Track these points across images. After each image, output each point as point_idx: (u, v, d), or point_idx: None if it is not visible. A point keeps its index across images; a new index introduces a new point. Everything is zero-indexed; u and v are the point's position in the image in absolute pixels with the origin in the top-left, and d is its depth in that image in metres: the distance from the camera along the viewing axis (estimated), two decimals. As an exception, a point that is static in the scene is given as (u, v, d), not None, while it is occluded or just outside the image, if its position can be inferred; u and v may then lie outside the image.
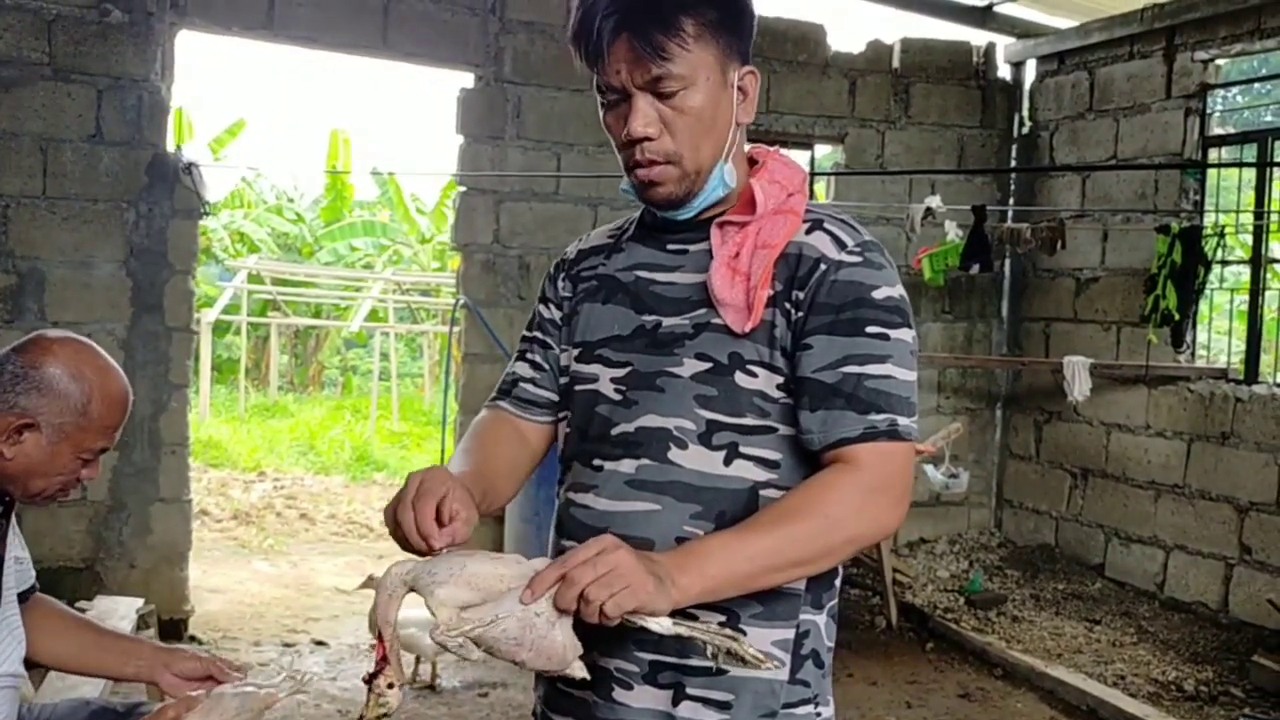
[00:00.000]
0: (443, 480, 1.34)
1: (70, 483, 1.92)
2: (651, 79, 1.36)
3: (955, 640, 5.63)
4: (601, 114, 1.44)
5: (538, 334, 1.62)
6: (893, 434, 1.36)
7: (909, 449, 1.39)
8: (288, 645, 5.36)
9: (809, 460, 1.41)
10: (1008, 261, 7.15)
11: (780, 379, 1.40)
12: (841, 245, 1.41)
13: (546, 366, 1.60)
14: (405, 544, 1.34)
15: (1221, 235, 6.02)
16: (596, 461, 1.47)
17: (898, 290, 1.41)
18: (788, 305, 1.40)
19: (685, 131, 1.39)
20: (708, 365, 1.41)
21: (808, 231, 1.43)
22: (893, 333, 1.38)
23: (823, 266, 1.39)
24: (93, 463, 1.93)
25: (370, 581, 4.79)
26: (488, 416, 1.63)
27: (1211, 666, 5.22)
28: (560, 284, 1.61)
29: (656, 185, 1.43)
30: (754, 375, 1.40)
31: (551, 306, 1.62)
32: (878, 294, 1.39)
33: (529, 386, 1.61)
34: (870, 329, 1.37)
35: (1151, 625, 5.80)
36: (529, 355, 1.62)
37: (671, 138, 1.39)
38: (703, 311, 1.43)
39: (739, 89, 1.43)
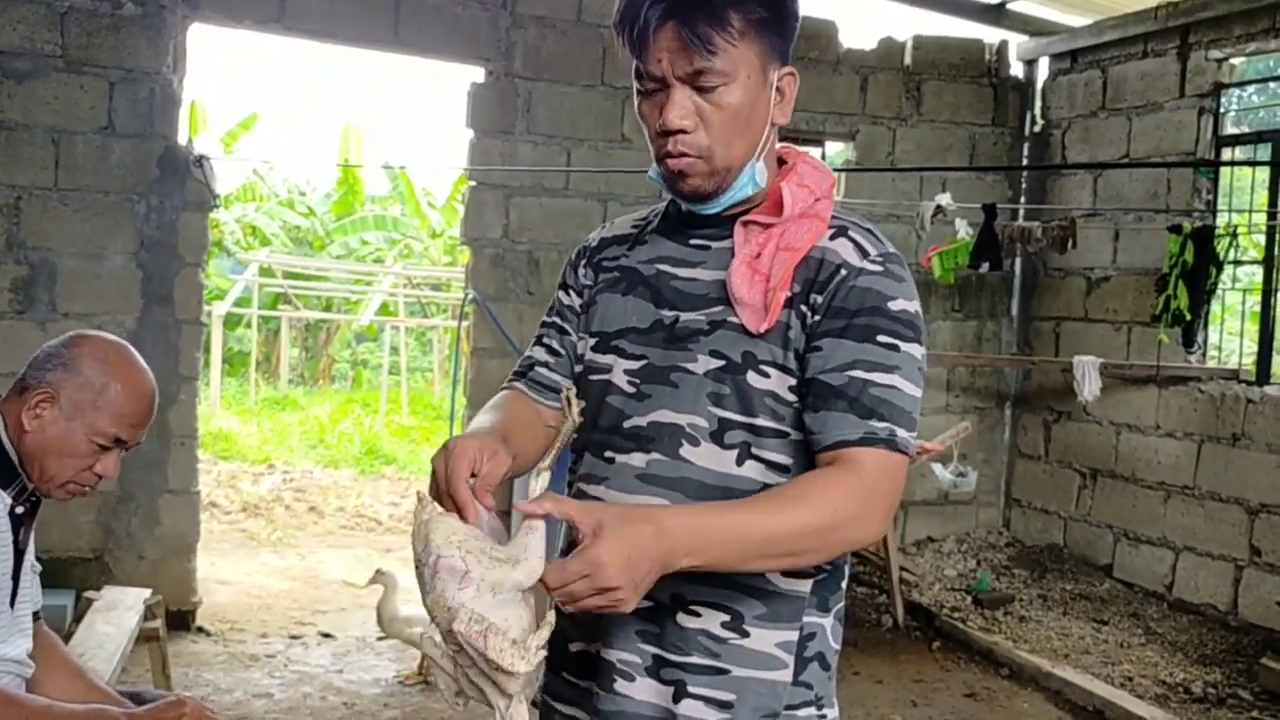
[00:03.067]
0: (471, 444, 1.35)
1: (84, 473, 1.99)
2: (693, 71, 1.36)
3: (962, 639, 5.62)
4: (637, 101, 1.44)
5: (556, 319, 1.62)
6: (890, 443, 1.36)
7: (904, 462, 1.38)
8: (295, 638, 5.38)
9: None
10: (1018, 260, 7.13)
11: (793, 380, 1.40)
12: (864, 254, 1.41)
13: (563, 352, 1.60)
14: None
15: (1234, 235, 5.98)
16: (608, 453, 1.48)
17: (914, 305, 1.41)
18: (804, 308, 1.40)
19: (720, 127, 1.39)
20: (721, 363, 1.42)
21: (831, 237, 1.43)
22: (904, 345, 1.38)
23: (843, 272, 1.40)
24: (109, 453, 2.00)
25: (379, 576, 4.81)
26: (505, 394, 1.62)
27: (1220, 669, 5.21)
28: (581, 271, 1.62)
29: (686, 177, 1.42)
30: (767, 375, 1.41)
31: (572, 293, 1.62)
32: (893, 305, 1.39)
33: (544, 370, 1.60)
34: (882, 338, 1.37)
35: (1160, 626, 5.78)
36: (545, 340, 1.62)
37: (706, 132, 1.39)
38: (720, 309, 1.44)
39: (777, 89, 1.43)
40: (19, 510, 1.95)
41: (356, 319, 15.22)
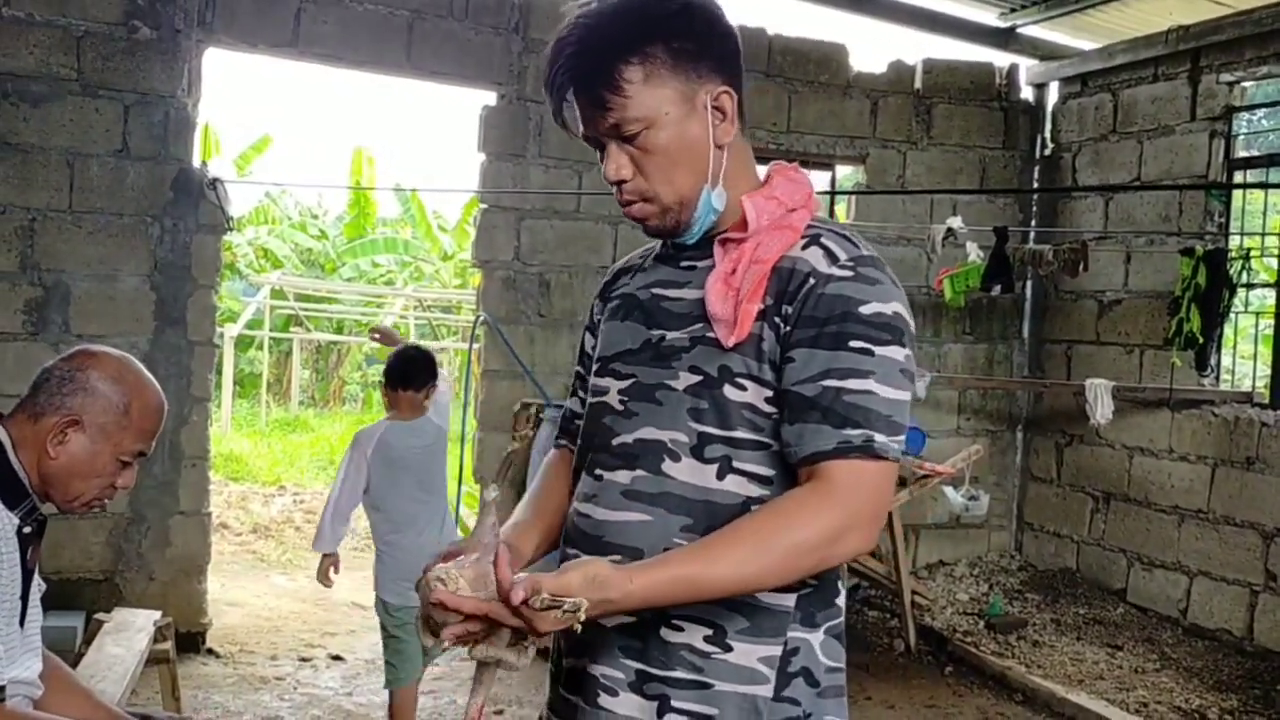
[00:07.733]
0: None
1: (107, 489, 2.02)
2: (610, 126, 1.42)
3: (975, 664, 5.58)
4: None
5: (580, 369, 1.69)
6: (868, 450, 1.35)
7: (885, 468, 1.36)
8: (304, 660, 5.37)
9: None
10: (1029, 283, 7.12)
11: (769, 392, 1.41)
12: (833, 259, 1.41)
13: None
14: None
15: (1246, 258, 5.96)
16: (598, 471, 1.51)
17: (890, 307, 1.39)
18: (777, 319, 1.41)
19: (655, 169, 1.43)
20: (699, 378, 1.43)
21: (804, 247, 1.44)
22: (878, 349, 1.37)
23: (811, 281, 1.40)
24: (129, 468, 2.03)
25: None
26: (552, 458, 1.70)
27: (1236, 695, 5.15)
28: (596, 307, 1.67)
29: (644, 221, 1.49)
30: (743, 388, 1.41)
31: (589, 335, 1.67)
32: (865, 309, 1.38)
33: (580, 422, 1.64)
34: (853, 344, 1.37)
35: (1174, 652, 5.73)
36: (579, 391, 1.68)
37: (644, 177, 1.44)
38: (700, 325, 1.46)
39: (716, 110, 1.44)
40: (26, 530, 1.96)
41: (367, 341, 15.23)
